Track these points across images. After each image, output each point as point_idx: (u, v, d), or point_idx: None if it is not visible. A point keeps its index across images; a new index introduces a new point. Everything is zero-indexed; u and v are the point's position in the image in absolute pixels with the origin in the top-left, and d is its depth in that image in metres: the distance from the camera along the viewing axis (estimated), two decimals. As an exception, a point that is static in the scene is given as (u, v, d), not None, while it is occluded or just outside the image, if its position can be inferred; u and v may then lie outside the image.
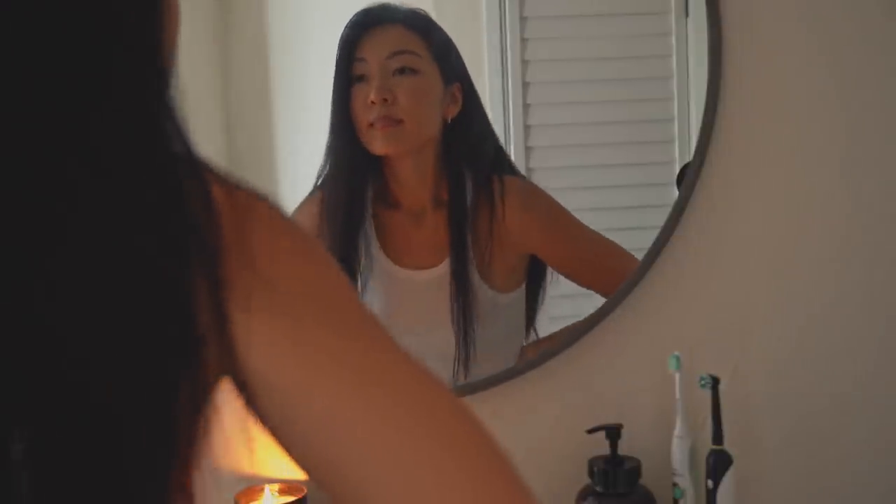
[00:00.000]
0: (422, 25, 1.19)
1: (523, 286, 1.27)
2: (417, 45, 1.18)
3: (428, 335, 1.22)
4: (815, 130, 1.20)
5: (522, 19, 1.27)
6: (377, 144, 1.16)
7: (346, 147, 1.18)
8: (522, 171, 1.28)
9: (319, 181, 1.22)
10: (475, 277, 1.20)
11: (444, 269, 1.20)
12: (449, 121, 1.19)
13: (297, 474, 1.30)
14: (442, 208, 1.21)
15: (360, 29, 1.16)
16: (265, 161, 1.36)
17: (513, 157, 1.28)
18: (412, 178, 1.21)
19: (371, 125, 1.15)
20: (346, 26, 1.17)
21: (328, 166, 1.20)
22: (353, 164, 1.19)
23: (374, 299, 1.24)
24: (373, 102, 1.14)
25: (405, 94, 1.15)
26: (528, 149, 1.28)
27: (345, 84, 1.16)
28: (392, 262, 1.22)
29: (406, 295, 1.23)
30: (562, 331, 1.26)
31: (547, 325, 1.31)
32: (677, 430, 1.15)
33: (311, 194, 1.24)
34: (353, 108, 1.16)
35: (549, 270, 1.27)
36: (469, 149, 1.21)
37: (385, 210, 1.22)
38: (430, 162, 1.20)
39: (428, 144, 1.20)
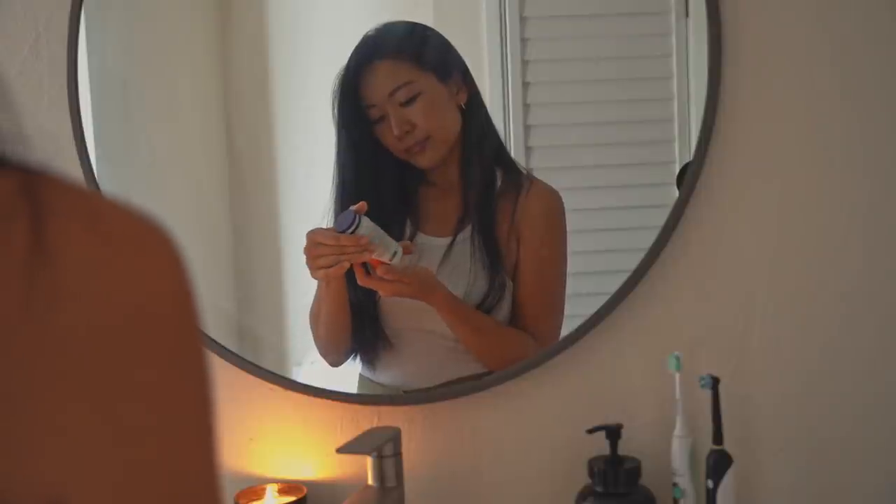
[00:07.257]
0: (401, 48, 1.26)
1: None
2: (408, 70, 1.25)
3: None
4: (815, 130, 1.20)
5: (522, 19, 1.27)
6: (422, 161, 1.26)
7: (392, 170, 1.27)
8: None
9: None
10: (497, 243, 1.25)
11: (466, 233, 1.26)
12: (464, 106, 1.26)
13: (297, 474, 1.31)
14: (471, 186, 1.28)
15: (355, 76, 1.24)
16: (265, 161, 1.36)
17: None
18: (447, 165, 1.28)
19: (408, 151, 1.25)
20: (339, 76, 1.25)
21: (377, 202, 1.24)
22: (405, 182, 1.28)
23: None
24: (398, 137, 1.24)
25: (419, 118, 1.24)
26: (528, 149, 1.28)
27: (367, 129, 1.25)
28: (418, 230, 1.29)
29: (424, 262, 1.27)
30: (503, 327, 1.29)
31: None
32: (677, 430, 1.15)
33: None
34: (386, 142, 1.25)
35: None
36: (484, 123, 1.27)
37: (419, 187, 1.30)
38: (459, 145, 1.27)
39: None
